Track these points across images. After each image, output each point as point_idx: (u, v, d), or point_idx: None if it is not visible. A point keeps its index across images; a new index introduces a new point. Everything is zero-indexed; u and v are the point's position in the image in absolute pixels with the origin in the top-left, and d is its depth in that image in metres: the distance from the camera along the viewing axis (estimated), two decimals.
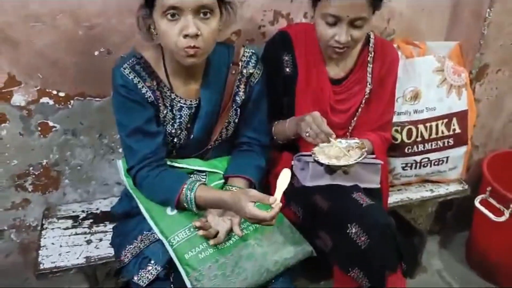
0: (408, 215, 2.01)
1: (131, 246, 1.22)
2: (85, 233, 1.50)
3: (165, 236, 1.19)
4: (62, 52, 1.42)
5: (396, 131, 1.66)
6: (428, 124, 1.67)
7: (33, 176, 1.59)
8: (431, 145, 1.70)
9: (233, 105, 1.33)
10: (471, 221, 2.07)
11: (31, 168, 1.57)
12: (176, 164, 1.32)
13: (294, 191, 1.36)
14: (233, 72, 1.30)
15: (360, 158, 1.26)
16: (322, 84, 1.44)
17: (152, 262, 1.18)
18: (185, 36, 1.09)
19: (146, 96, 1.21)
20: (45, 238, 1.47)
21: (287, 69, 1.43)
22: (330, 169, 1.34)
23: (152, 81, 1.22)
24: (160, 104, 1.25)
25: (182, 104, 1.27)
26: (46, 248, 1.43)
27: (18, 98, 1.45)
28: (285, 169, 1.18)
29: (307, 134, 1.26)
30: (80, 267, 1.38)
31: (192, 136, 1.30)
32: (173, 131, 1.28)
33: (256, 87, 1.34)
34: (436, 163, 1.73)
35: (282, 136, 1.44)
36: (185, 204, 1.21)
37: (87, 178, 1.67)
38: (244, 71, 1.31)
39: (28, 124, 1.49)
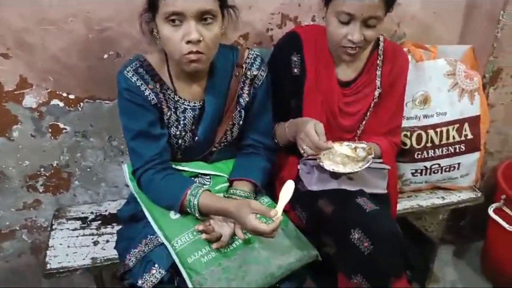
0: (419, 222, 1.96)
1: (136, 250, 1.21)
2: (92, 234, 1.51)
3: (168, 240, 1.19)
4: (73, 56, 1.45)
5: (406, 136, 1.62)
6: (438, 129, 1.63)
7: (44, 177, 1.62)
8: (442, 150, 1.65)
9: (237, 107, 1.32)
10: (486, 230, 2.01)
11: (42, 169, 1.60)
12: (180, 167, 1.32)
13: (299, 195, 1.34)
14: (237, 74, 1.30)
15: (365, 165, 1.24)
16: (331, 86, 1.42)
17: (156, 265, 1.17)
18: (188, 42, 1.10)
19: (149, 99, 1.22)
20: (53, 238, 1.49)
21: (295, 70, 1.41)
22: (336, 175, 1.32)
23: (155, 84, 1.23)
24: (163, 107, 1.25)
25: (186, 106, 1.28)
26: (54, 249, 1.44)
27: (30, 100, 1.48)
28: (288, 180, 1.17)
29: (303, 152, 1.26)
30: (86, 268, 1.39)
31: (196, 138, 1.31)
32: (178, 133, 1.28)
33: (261, 89, 1.34)
34: (447, 170, 1.69)
35: (283, 139, 1.42)
36: (188, 209, 1.21)
37: (97, 180, 1.69)
38: (248, 73, 1.31)
39: (39, 126, 1.52)
